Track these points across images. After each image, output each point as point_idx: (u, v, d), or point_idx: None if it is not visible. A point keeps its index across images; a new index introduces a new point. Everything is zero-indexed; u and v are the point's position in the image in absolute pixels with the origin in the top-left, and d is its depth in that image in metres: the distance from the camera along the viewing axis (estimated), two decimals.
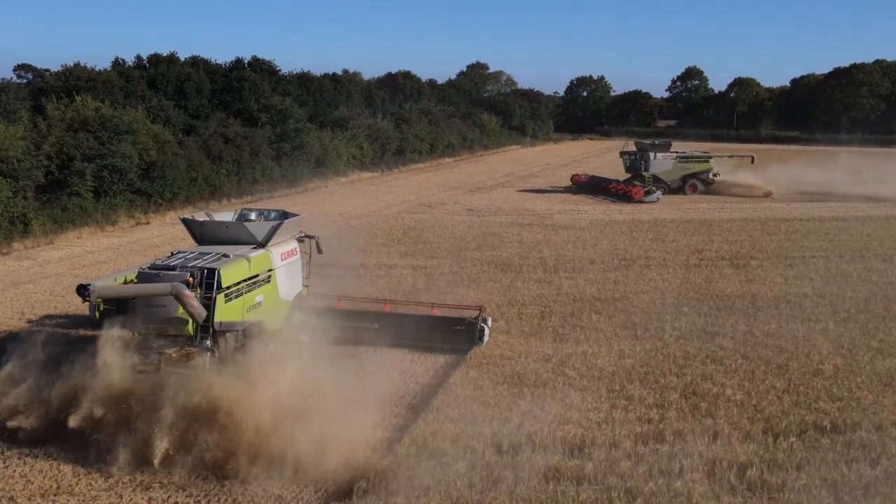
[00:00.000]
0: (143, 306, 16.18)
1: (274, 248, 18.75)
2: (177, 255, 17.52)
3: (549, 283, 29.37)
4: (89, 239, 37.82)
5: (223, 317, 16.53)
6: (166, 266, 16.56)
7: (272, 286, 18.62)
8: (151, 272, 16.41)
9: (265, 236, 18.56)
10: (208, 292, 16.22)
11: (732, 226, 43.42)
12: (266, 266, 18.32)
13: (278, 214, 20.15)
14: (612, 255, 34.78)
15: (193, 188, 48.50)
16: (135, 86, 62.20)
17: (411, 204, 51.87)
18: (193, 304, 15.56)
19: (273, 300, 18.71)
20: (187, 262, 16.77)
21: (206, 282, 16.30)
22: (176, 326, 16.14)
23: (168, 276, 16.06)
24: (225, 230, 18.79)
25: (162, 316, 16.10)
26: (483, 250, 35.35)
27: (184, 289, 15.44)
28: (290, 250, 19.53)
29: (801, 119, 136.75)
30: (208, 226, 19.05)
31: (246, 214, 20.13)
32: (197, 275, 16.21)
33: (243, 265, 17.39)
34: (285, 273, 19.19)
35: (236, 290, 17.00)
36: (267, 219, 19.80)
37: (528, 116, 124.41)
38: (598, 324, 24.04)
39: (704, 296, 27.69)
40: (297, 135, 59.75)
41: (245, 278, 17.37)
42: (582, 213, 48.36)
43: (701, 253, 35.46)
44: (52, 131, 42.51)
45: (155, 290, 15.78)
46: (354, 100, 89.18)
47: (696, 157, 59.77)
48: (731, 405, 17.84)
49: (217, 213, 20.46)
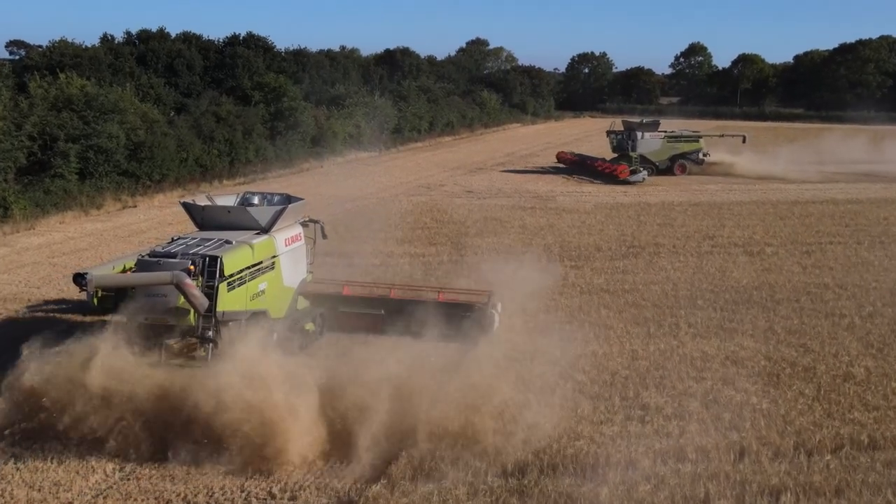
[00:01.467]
0: (142, 296, 15.63)
1: (278, 234, 18.25)
2: (177, 242, 16.90)
3: (554, 274, 27.73)
4: (72, 224, 36.19)
5: (226, 306, 16.00)
6: (166, 253, 16.04)
7: (276, 273, 18.13)
8: (151, 260, 15.91)
9: (269, 221, 18.06)
10: (210, 281, 15.72)
11: (743, 209, 41.73)
12: (270, 252, 17.85)
13: (282, 199, 19.58)
14: (619, 241, 33.15)
15: (183, 169, 46.81)
16: (123, 63, 60.15)
17: (409, 186, 50.17)
18: (195, 293, 15.07)
19: (277, 288, 18.25)
20: (188, 249, 16.21)
21: (208, 270, 15.77)
22: (177, 317, 15.63)
23: (168, 263, 15.56)
24: (227, 215, 18.29)
25: (162, 306, 15.58)
26: (484, 236, 33.71)
27: (185, 277, 14.94)
28: (294, 235, 19.01)
29: (805, 96, 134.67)
30: (210, 210, 18.52)
31: (248, 199, 19.50)
32: (198, 262, 15.69)
33: (246, 252, 16.90)
34: (289, 259, 18.74)
35: (239, 278, 16.50)
36: (270, 203, 19.34)
37: (529, 94, 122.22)
38: (607, 319, 22.45)
39: (719, 287, 26.09)
40: (292, 113, 57.91)
41: (248, 265, 16.89)
42: (586, 196, 46.67)
43: (713, 239, 33.82)
44: (34, 110, 40.67)
45: (155, 280, 15.30)
46: (352, 77, 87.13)
47: (686, 136, 57.61)
48: (758, 415, 16.26)
49: (218, 198, 19.74)
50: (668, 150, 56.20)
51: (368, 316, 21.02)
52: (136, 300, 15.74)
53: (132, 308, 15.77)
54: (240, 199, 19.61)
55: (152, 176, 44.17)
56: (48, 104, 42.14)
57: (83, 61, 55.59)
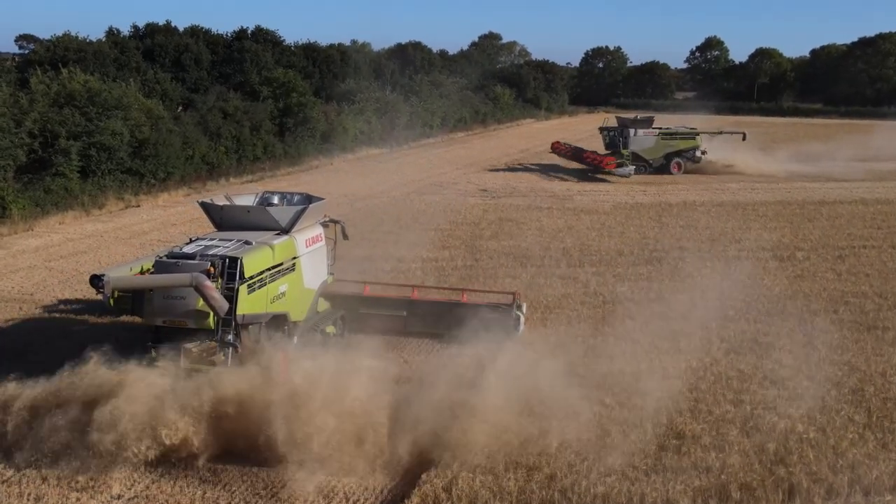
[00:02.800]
0: (160, 298, 15.20)
1: (298, 235, 17.77)
2: (195, 242, 16.49)
3: (575, 280, 26.29)
4: (72, 224, 34.94)
5: (246, 309, 15.56)
6: (185, 254, 15.60)
7: (297, 275, 17.66)
8: (169, 261, 15.45)
9: (289, 222, 17.62)
10: (230, 283, 15.24)
11: (768, 209, 40.10)
12: (290, 253, 17.37)
13: (302, 198, 19.16)
14: (641, 244, 31.64)
15: (189, 167, 45.51)
16: (129, 57, 58.86)
17: (421, 184, 48.73)
18: (215, 295, 14.65)
19: (298, 289, 17.78)
20: (207, 250, 15.77)
21: (228, 271, 15.30)
22: (196, 320, 15.21)
23: (187, 265, 15.11)
24: (246, 215, 17.90)
25: (181, 309, 15.17)
26: (500, 239, 32.26)
27: (204, 280, 14.53)
28: (314, 236, 18.57)
29: (823, 91, 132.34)
30: (228, 210, 18.12)
31: (268, 198, 19.06)
32: (218, 264, 15.21)
33: (267, 253, 16.42)
34: (310, 260, 18.28)
35: (259, 280, 16.05)
36: (290, 203, 18.97)
37: (543, 89, 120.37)
38: (633, 333, 20.93)
39: (750, 296, 24.52)
40: (302, 109, 56.52)
41: (269, 267, 16.40)
42: (603, 195, 45.13)
43: (739, 243, 32.26)
44: (34, 106, 39.43)
45: (174, 282, 14.88)
46: (362, 72, 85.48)
47: (681, 133, 55.45)
48: (805, 446, 14.75)
49: (237, 197, 19.28)
50: (662, 148, 54.20)
51: (390, 317, 20.67)
52: (153, 302, 15.32)
53: (150, 310, 15.44)
54: (259, 199, 19.15)
55: (157, 174, 42.89)
56: (49, 100, 40.91)
57: (87, 56, 54.34)
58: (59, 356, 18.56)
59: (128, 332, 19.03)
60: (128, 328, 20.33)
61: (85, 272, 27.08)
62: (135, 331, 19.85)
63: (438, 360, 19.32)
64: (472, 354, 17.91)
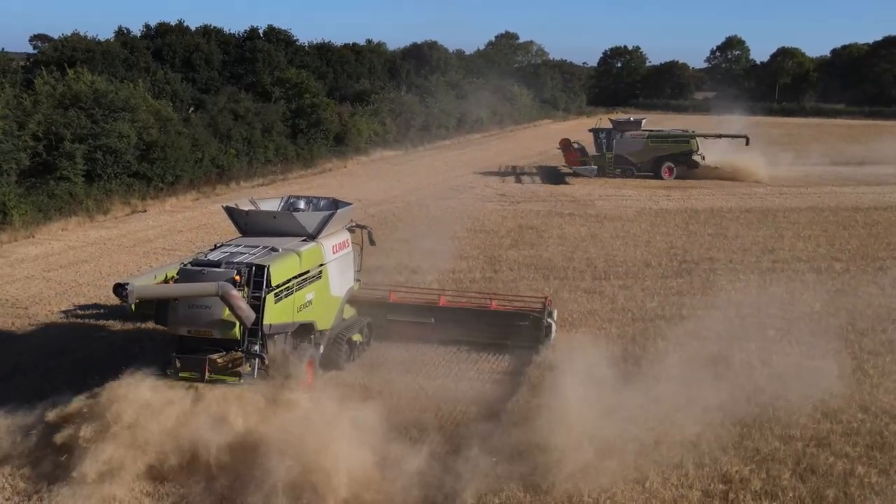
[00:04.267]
0: (185, 307, 14.91)
1: (325, 241, 17.54)
2: (220, 249, 16.29)
3: (601, 294, 24.70)
4: (75, 231, 33.70)
5: (273, 319, 15.30)
6: (210, 262, 15.37)
7: (324, 282, 17.44)
8: (194, 269, 15.19)
9: (316, 228, 17.35)
10: (256, 291, 14.98)
11: (800, 216, 38.29)
12: (317, 261, 17.16)
13: (328, 203, 18.99)
14: (669, 255, 30.00)
15: (198, 170, 44.14)
16: (139, 57, 57.58)
17: (437, 188, 47.25)
18: (242, 305, 14.35)
19: (324, 297, 17.57)
20: (233, 258, 15.55)
21: (255, 280, 15.03)
22: (222, 330, 14.89)
23: (212, 273, 14.84)
24: (272, 221, 17.61)
25: (206, 318, 14.87)
26: (520, 248, 30.73)
27: (231, 289, 14.24)
28: (341, 242, 18.37)
29: (845, 90, 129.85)
30: (254, 216, 17.84)
31: (294, 203, 18.95)
32: (244, 272, 14.96)
33: (294, 260, 16.16)
34: (337, 267, 18.12)
35: (287, 289, 15.76)
36: (317, 207, 18.83)
37: (560, 89, 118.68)
38: (666, 355, 19.32)
39: (790, 313, 22.85)
40: (315, 110, 55.12)
41: (296, 275, 16.13)
42: (626, 200, 43.47)
43: (773, 253, 30.55)
44: (38, 108, 38.21)
45: (199, 291, 14.57)
46: (377, 72, 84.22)
47: (673, 136, 53.36)
48: (867, 492, 13.22)
49: (262, 201, 19.02)
50: (650, 151, 52.06)
51: (417, 324, 20.17)
52: (178, 311, 14.97)
53: (174, 320, 15.10)
54: (284, 204, 18.99)
55: (165, 178, 41.54)
56: (54, 101, 39.67)
57: (96, 56, 53.07)
58: (48, 379, 17.41)
59: (124, 347, 17.75)
60: (122, 347, 19.02)
61: (84, 283, 25.88)
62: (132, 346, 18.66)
63: (455, 385, 17.93)
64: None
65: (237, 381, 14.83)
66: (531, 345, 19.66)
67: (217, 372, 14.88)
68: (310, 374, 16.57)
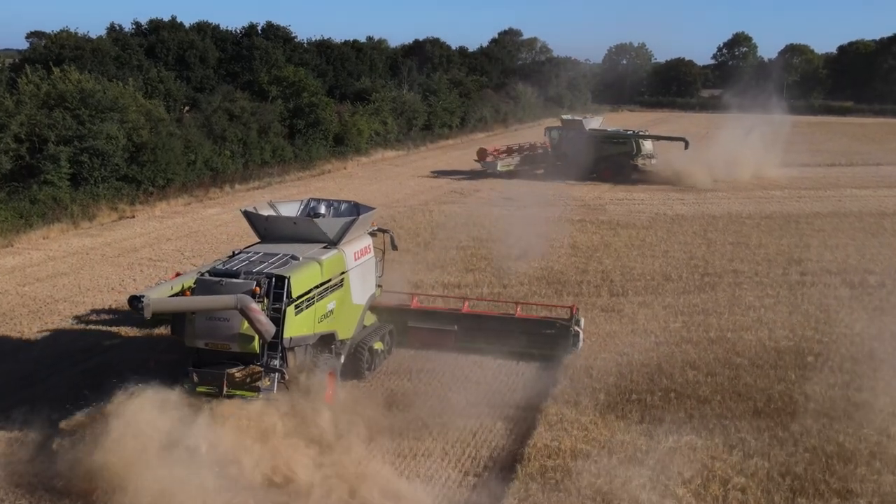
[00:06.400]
0: (202, 320, 14.43)
1: (347, 247, 16.95)
2: (238, 257, 15.76)
3: (620, 314, 22.73)
4: (57, 239, 31.80)
5: (293, 332, 14.75)
6: (228, 272, 14.77)
7: (345, 290, 16.81)
8: (212, 279, 14.61)
9: (337, 234, 16.75)
10: (277, 303, 14.47)
11: (824, 223, 36.21)
12: (339, 268, 16.56)
13: (349, 207, 18.52)
14: (689, 267, 28.01)
15: (191, 173, 42.23)
16: (131, 55, 55.55)
17: (441, 191, 45.36)
18: (261, 319, 13.87)
19: (346, 306, 16.97)
20: (251, 267, 14.97)
21: (275, 291, 14.50)
22: (240, 343, 14.43)
23: (231, 284, 14.29)
24: (292, 227, 17.05)
25: (225, 332, 14.39)
26: (530, 259, 28.74)
27: (250, 302, 13.74)
28: (363, 248, 17.78)
29: (853, 88, 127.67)
30: (274, 221, 17.32)
31: (315, 207, 18.35)
32: (264, 283, 14.42)
33: (315, 269, 15.60)
34: (359, 274, 17.48)
35: (308, 299, 15.20)
36: (337, 211, 18.37)
37: (565, 87, 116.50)
38: (698, 388, 17.37)
39: (828, 336, 20.87)
40: (313, 109, 53.09)
41: (317, 284, 15.55)
42: (638, 205, 41.50)
43: (800, 264, 28.54)
44: (21, 109, 36.28)
45: (218, 304, 14.04)
46: (378, 70, 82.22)
47: (614, 136, 51.35)
48: None
49: (281, 205, 18.37)
50: (593, 151, 50.04)
51: (440, 332, 19.65)
52: (195, 324, 14.48)
53: (191, 332, 14.60)
54: (304, 207, 18.38)
55: (155, 181, 39.60)
56: (38, 102, 37.74)
57: (85, 53, 51.06)
58: (7, 421, 15.48)
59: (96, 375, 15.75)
60: (95, 375, 17.01)
61: (60, 299, 24.00)
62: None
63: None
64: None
65: (255, 396, 14.25)
66: (558, 354, 18.90)
67: (235, 387, 14.33)
68: (331, 387, 15.93)
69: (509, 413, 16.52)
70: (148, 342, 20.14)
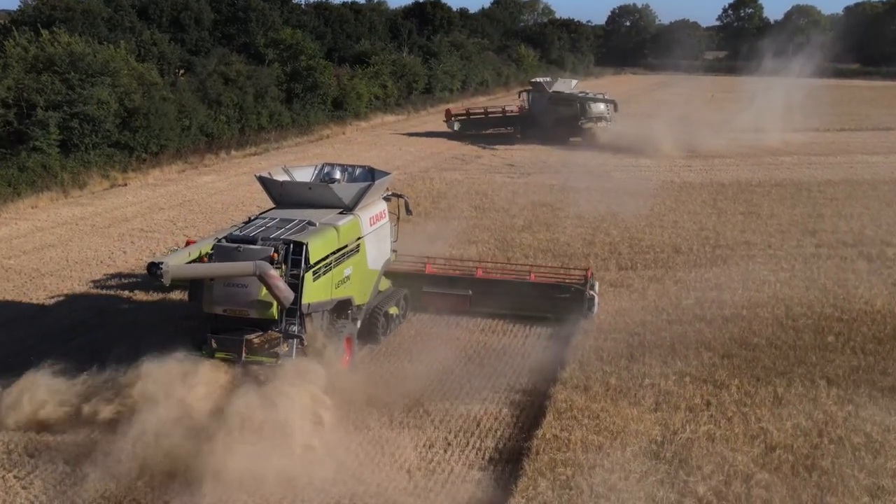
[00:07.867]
0: (220, 286, 14.48)
1: (362, 213, 16.96)
2: (254, 223, 15.78)
3: (630, 288, 21.83)
4: (46, 209, 30.80)
5: (311, 297, 14.80)
6: (245, 238, 14.81)
7: (361, 256, 16.87)
8: (229, 246, 14.63)
9: (353, 199, 16.76)
10: (294, 269, 14.52)
11: (837, 191, 35.16)
12: (355, 234, 16.58)
13: (364, 172, 18.49)
14: (699, 238, 27.03)
15: (185, 138, 41.06)
16: (123, 17, 54.00)
17: (441, 157, 44.24)
18: (280, 285, 13.90)
19: (362, 271, 17.00)
20: (269, 233, 15.01)
21: (293, 258, 14.54)
22: (259, 310, 14.45)
23: (248, 250, 14.34)
24: (308, 192, 17.07)
25: (243, 298, 14.42)
26: (534, 230, 27.79)
27: (269, 268, 13.79)
28: (378, 213, 17.75)
29: (858, 51, 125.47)
30: (288, 187, 17.33)
31: (329, 172, 18.28)
32: (281, 249, 14.46)
33: (332, 235, 15.62)
34: (374, 239, 17.45)
35: (325, 265, 15.24)
36: (352, 176, 18.32)
37: (567, 49, 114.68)
38: (714, 371, 16.49)
39: (847, 313, 19.97)
40: (311, 73, 51.69)
41: (334, 250, 15.59)
42: (645, 171, 40.47)
43: (814, 235, 27.57)
44: (8, 73, 35.07)
45: (236, 271, 14.07)
46: (378, 32, 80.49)
47: (567, 99, 50.66)
48: None
49: (295, 170, 18.32)
50: (552, 113, 50.30)
51: (454, 296, 19.64)
52: (213, 290, 14.51)
53: (209, 299, 14.62)
54: (318, 172, 18.32)
55: (148, 147, 38.45)
56: (26, 65, 36.48)
57: (76, 15, 49.56)
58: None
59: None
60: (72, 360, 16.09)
61: (47, 273, 23.09)
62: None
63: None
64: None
65: (274, 362, 14.31)
66: (573, 317, 18.85)
67: (254, 353, 14.33)
68: (348, 352, 16.08)
69: (515, 399, 15.67)
70: (136, 317, 19.31)
